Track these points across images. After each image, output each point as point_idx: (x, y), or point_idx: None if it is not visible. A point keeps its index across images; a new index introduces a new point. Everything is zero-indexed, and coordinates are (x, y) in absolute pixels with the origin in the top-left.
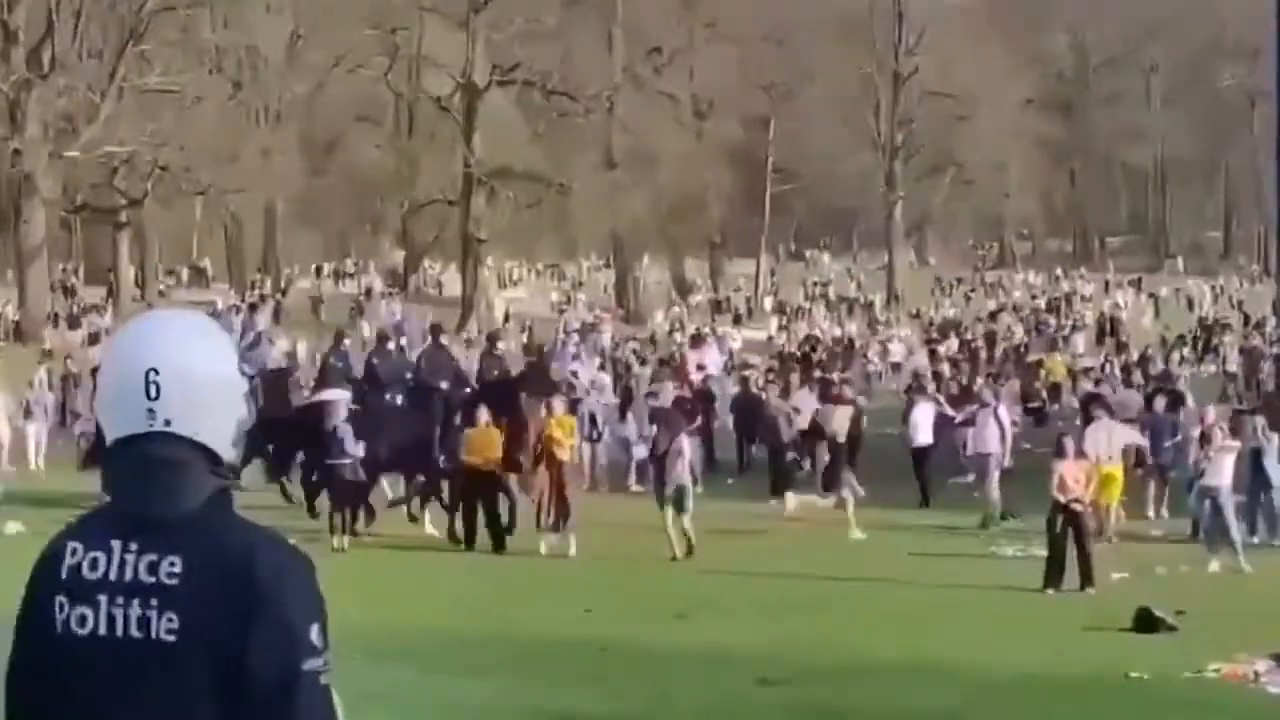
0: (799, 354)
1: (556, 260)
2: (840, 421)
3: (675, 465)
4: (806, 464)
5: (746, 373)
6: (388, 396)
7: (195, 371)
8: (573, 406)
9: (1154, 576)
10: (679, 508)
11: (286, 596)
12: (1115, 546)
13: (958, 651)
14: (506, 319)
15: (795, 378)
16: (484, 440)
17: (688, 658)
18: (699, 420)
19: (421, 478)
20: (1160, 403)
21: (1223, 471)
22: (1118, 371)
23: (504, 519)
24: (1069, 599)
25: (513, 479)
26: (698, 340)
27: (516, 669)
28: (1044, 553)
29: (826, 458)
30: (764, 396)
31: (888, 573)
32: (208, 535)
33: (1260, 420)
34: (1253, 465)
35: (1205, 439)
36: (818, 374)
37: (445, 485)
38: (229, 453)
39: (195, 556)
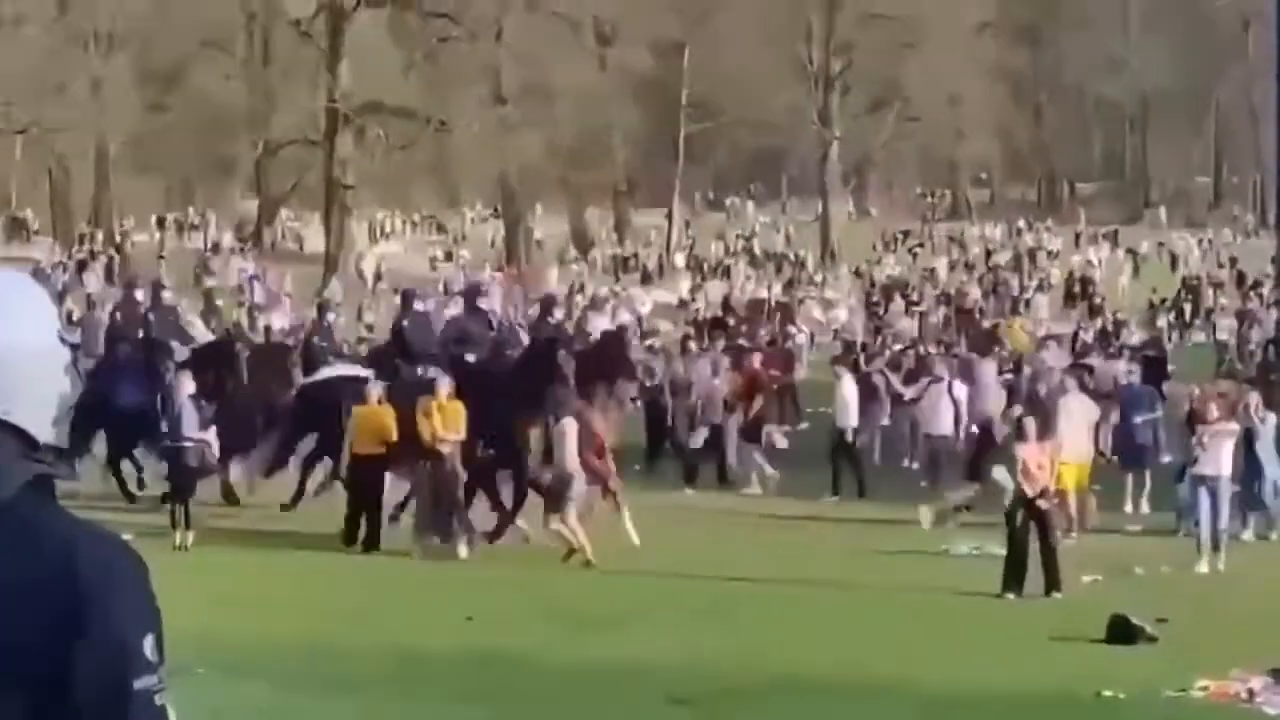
0: (712, 319)
1: (435, 211)
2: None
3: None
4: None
5: (653, 341)
6: (420, 370)
7: (4, 340)
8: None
9: (1131, 579)
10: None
11: (114, 602)
12: (1085, 544)
13: (902, 666)
14: (378, 278)
15: (694, 345)
16: (375, 421)
17: (587, 672)
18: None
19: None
20: (1137, 373)
21: (1221, 458)
22: (1090, 338)
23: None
24: (1032, 605)
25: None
26: (598, 303)
27: (388, 685)
28: (1002, 551)
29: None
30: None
31: (823, 573)
32: (19, 530)
33: (1255, 397)
34: (1245, 449)
35: (1195, 418)
36: (738, 341)
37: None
38: (48, 434)
39: (3, 556)
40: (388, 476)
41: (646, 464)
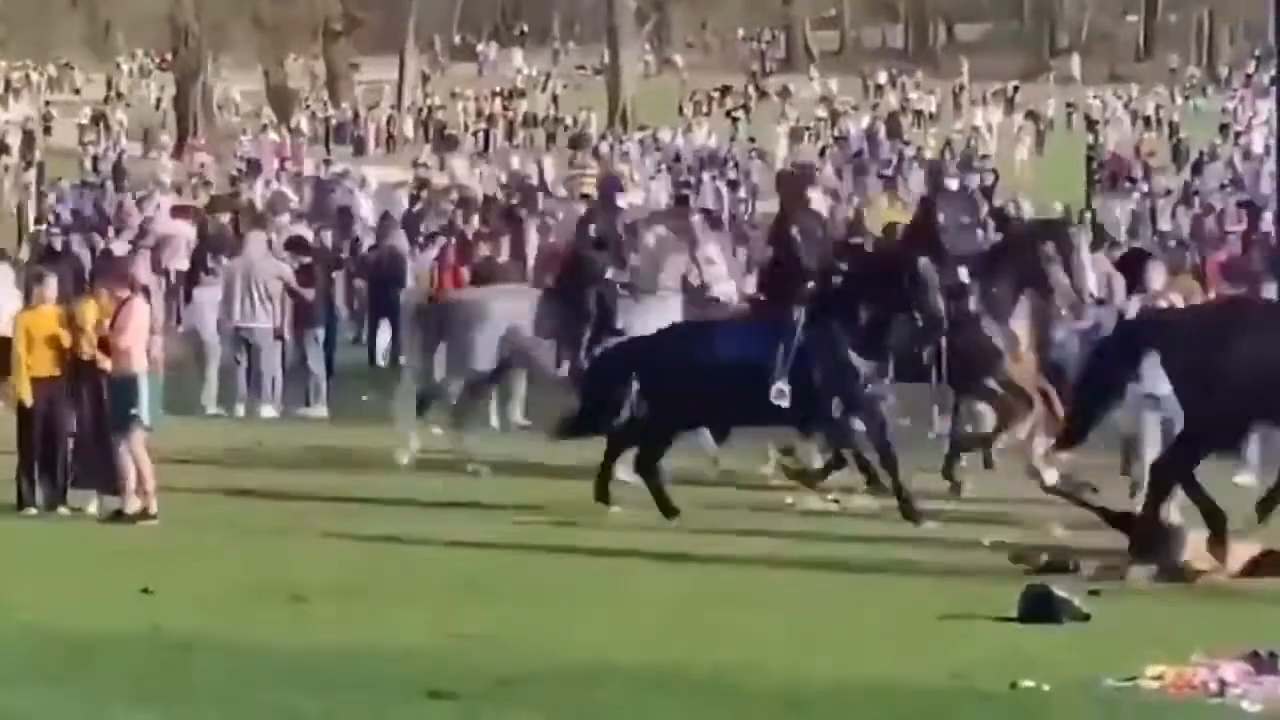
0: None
1: (81, 61)
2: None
3: None
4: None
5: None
6: None
7: None
8: None
9: (1052, 539)
10: None
11: None
12: (992, 493)
13: (741, 652)
14: (3, 150)
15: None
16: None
17: (314, 659)
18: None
19: None
20: None
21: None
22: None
23: None
24: (914, 574)
25: None
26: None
27: (37, 678)
28: (871, 502)
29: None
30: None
31: (635, 541)
32: None
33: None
34: None
35: None
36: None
37: None
38: None
39: None
40: None
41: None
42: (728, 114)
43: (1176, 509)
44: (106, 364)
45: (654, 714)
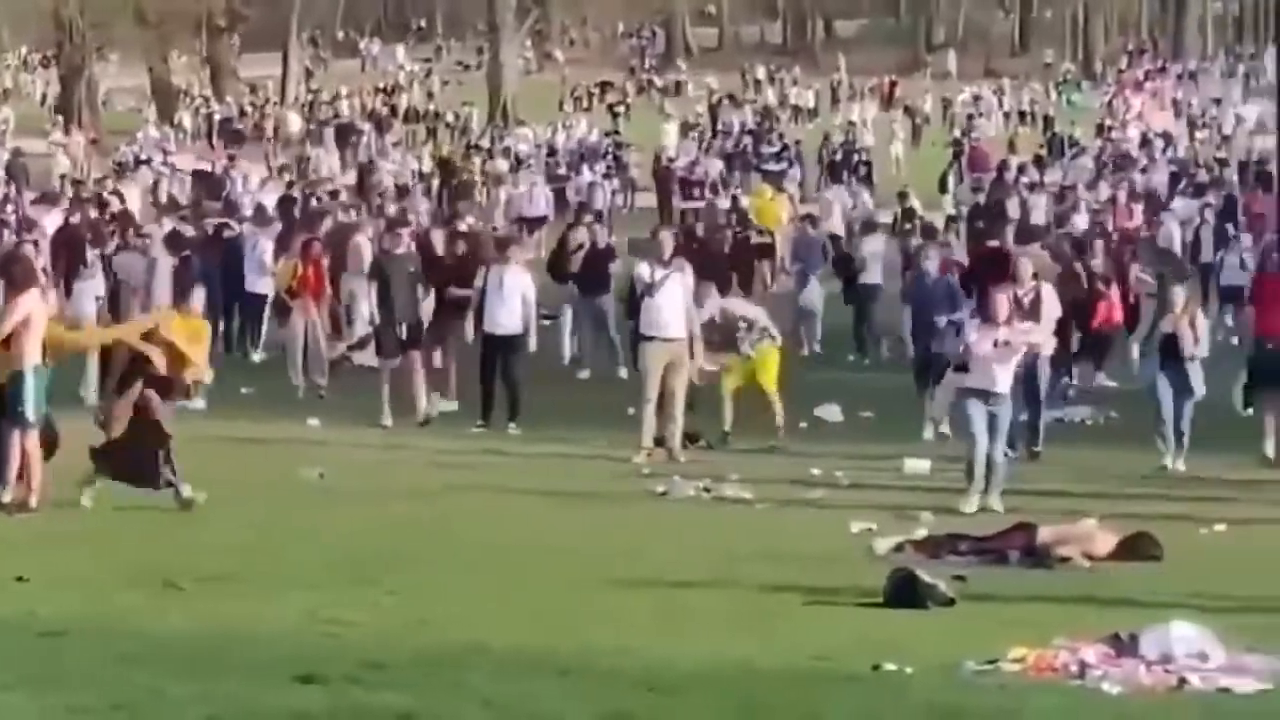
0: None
1: None
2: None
3: None
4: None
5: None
6: None
7: None
8: None
9: (918, 526)
10: None
11: None
12: (856, 480)
13: (609, 635)
14: None
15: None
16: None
17: (189, 643)
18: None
19: None
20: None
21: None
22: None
23: None
24: (782, 561)
25: None
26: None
27: None
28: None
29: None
30: None
31: (506, 526)
32: None
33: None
34: (1027, 372)
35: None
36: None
37: None
38: None
39: None
40: None
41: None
42: (610, 109)
43: (998, 499)
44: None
45: (523, 697)
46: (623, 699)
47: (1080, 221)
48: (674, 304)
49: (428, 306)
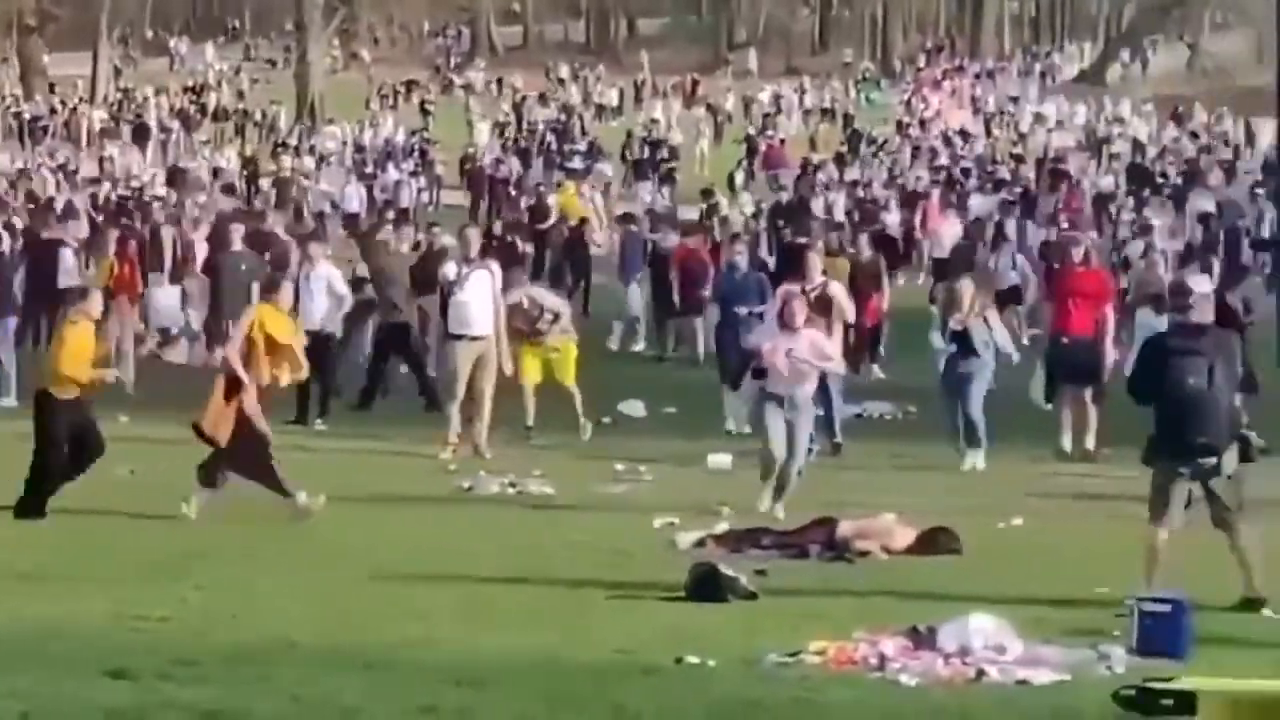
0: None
1: None
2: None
3: None
4: None
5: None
6: None
7: None
8: None
9: (720, 519)
10: None
11: None
12: (659, 475)
13: (416, 628)
14: None
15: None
16: None
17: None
18: None
19: None
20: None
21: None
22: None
23: None
24: (589, 550)
25: None
26: None
27: None
28: (546, 489)
29: None
30: None
31: (313, 522)
32: None
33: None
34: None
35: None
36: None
37: None
38: None
39: None
40: None
41: None
42: (421, 107)
43: (782, 508)
44: None
45: (330, 692)
46: (429, 693)
47: (891, 219)
48: (480, 301)
49: None
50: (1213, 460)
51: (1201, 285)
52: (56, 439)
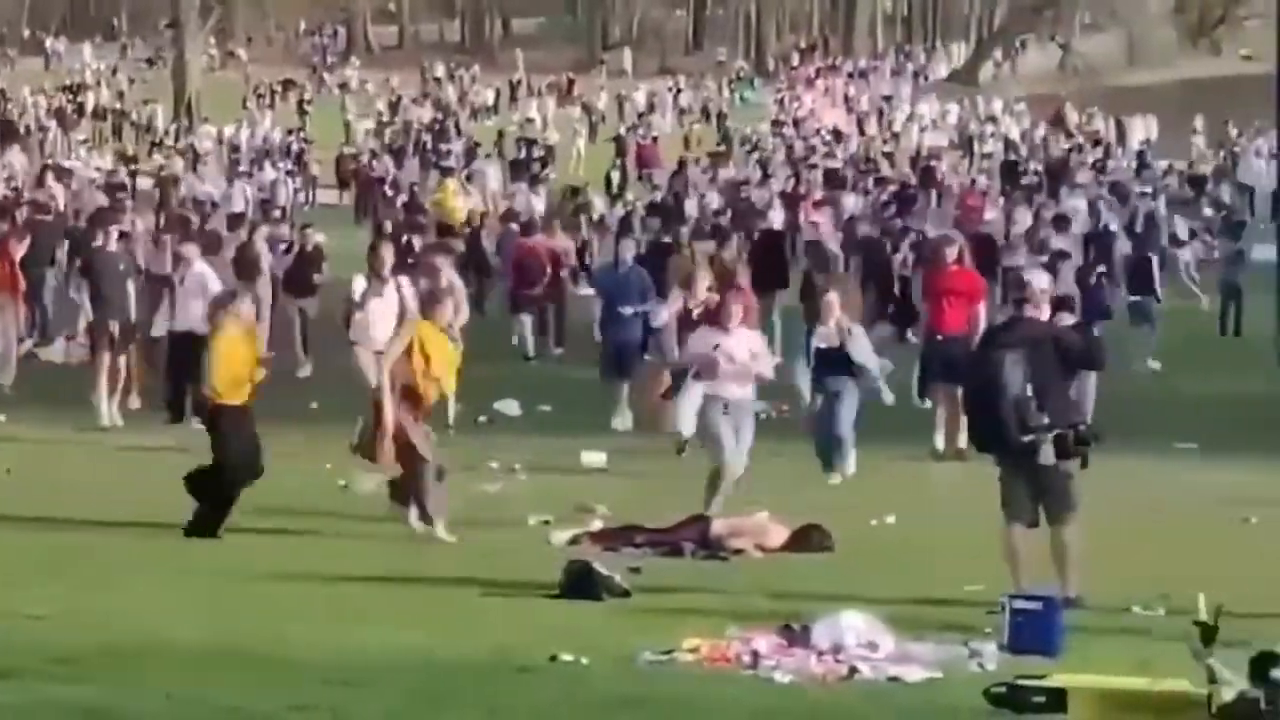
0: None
1: None
2: None
3: None
4: None
5: None
6: None
7: None
8: None
9: (595, 517)
10: None
11: None
12: (535, 476)
13: (293, 626)
14: None
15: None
16: None
17: None
18: None
19: None
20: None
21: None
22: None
23: None
24: (461, 550)
25: None
26: None
27: None
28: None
29: None
30: None
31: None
32: None
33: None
34: None
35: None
36: None
37: None
38: None
39: None
40: None
41: None
42: (298, 106)
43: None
44: None
45: (207, 690)
46: (306, 692)
47: (776, 218)
48: (385, 320)
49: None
50: (1027, 453)
51: (1040, 280)
52: None
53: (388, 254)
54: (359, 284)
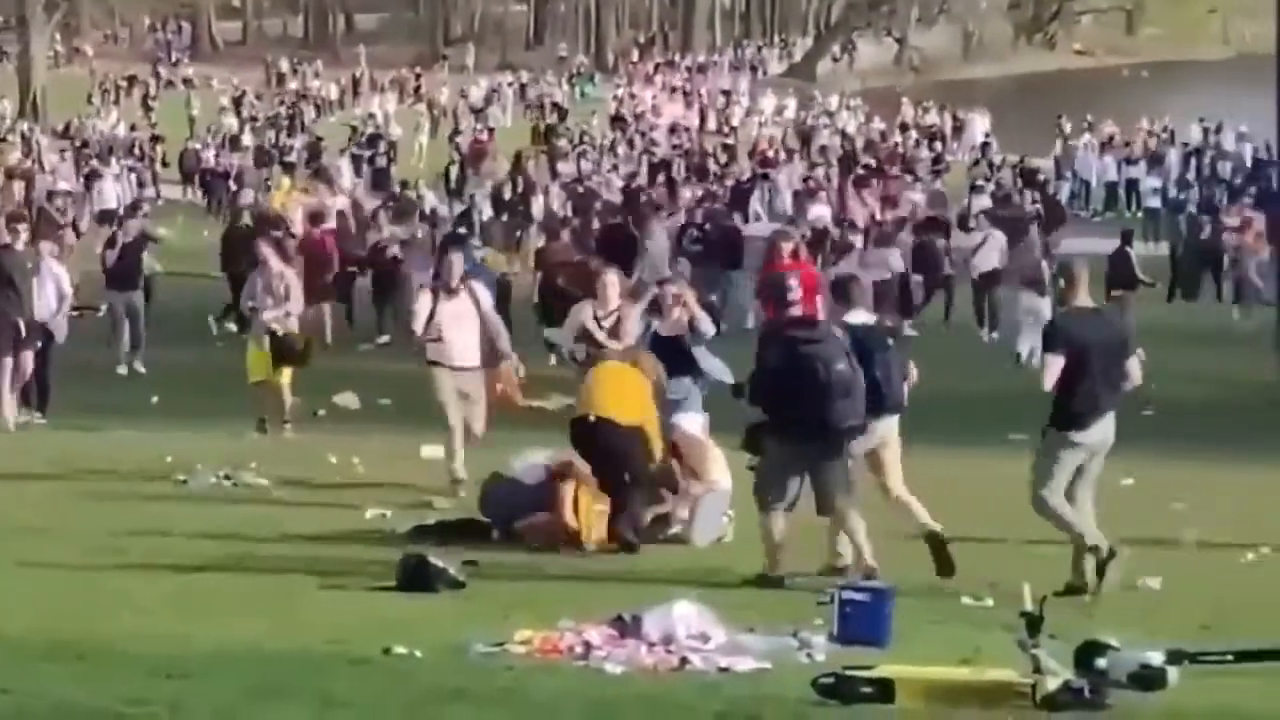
0: None
1: None
2: None
3: None
4: None
5: None
6: None
7: None
8: None
9: (432, 510)
10: None
11: None
12: (373, 469)
13: (129, 620)
14: None
15: None
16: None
17: None
18: None
19: None
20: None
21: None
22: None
23: None
24: (300, 540)
25: None
26: None
27: None
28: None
29: None
30: None
31: (31, 510)
32: None
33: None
34: None
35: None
36: None
37: None
38: None
39: None
40: None
41: None
42: (144, 101)
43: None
44: None
45: (42, 684)
46: (139, 685)
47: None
48: (462, 331)
49: None
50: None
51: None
52: None
53: (458, 261)
54: (424, 301)
